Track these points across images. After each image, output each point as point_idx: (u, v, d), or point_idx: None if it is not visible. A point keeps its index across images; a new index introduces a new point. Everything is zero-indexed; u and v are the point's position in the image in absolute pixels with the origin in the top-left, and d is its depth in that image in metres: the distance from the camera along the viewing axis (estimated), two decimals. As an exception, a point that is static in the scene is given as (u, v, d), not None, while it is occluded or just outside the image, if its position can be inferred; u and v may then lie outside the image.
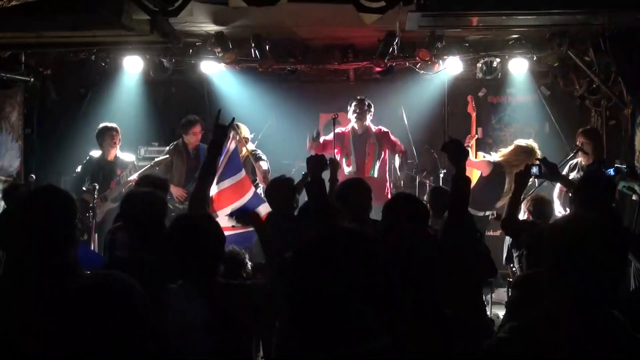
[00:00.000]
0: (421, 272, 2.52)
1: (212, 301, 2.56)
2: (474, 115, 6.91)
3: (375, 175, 6.70)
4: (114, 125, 6.77)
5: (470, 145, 6.63)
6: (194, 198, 3.54)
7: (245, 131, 6.61)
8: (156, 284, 2.30)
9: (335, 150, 6.66)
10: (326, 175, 4.09)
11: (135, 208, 3.52)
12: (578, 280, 1.86)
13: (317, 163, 3.79)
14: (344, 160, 6.75)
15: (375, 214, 4.20)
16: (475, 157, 6.77)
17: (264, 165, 6.43)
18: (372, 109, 6.87)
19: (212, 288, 2.62)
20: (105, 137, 6.68)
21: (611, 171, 5.13)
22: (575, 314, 1.85)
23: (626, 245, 1.93)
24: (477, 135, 6.86)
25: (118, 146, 6.77)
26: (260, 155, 6.57)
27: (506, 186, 6.36)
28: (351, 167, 6.74)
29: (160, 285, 2.35)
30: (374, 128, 6.88)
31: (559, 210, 5.81)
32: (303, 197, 4.44)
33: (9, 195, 5.28)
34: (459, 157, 3.35)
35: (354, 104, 6.83)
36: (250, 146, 6.65)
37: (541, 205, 4.97)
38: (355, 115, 6.77)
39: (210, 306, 2.55)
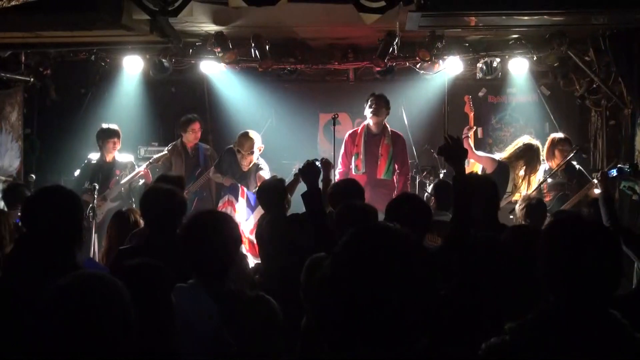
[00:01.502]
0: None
1: (222, 304, 2.52)
2: (471, 115, 6.90)
3: (389, 177, 6.46)
4: (116, 128, 6.76)
5: (469, 136, 6.62)
6: None
7: (257, 140, 6.54)
8: (162, 287, 2.29)
9: (342, 150, 6.57)
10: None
11: (156, 204, 3.51)
12: (575, 281, 1.86)
13: (311, 171, 3.76)
14: (353, 160, 6.51)
15: None
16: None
17: (265, 175, 6.41)
18: (390, 107, 6.57)
19: (223, 291, 2.57)
20: (107, 141, 6.70)
21: (614, 172, 5.12)
22: (573, 315, 1.85)
23: (620, 245, 1.93)
24: (475, 127, 6.84)
25: (117, 149, 6.80)
26: (261, 166, 6.54)
27: (510, 185, 6.36)
28: (361, 168, 6.44)
29: (167, 288, 2.33)
30: (390, 128, 6.63)
31: None
32: (297, 199, 4.45)
33: (9, 195, 5.28)
34: (456, 158, 3.30)
35: (370, 99, 6.49)
36: (255, 156, 6.60)
37: (535, 209, 4.92)
38: (371, 110, 6.43)
39: (219, 308, 2.51)
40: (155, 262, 2.32)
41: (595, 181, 5.75)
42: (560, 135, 6.46)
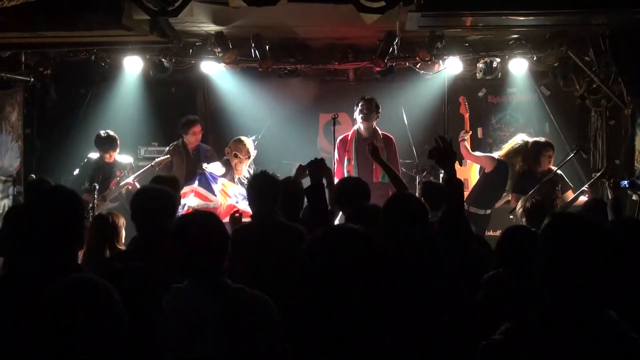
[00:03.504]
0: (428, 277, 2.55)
1: (219, 302, 2.52)
2: (467, 115, 6.91)
3: (386, 181, 6.13)
4: (112, 139, 6.74)
5: (465, 139, 6.63)
6: None
7: (249, 145, 6.46)
8: (150, 289, 2.28)
9: (336, 156, 6.47)
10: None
11: (146, 204, 3.49)
12: (572, 281, 1.86)
13: (318, 167, 3.79)
14: (345, 165, 6.41)
15: None
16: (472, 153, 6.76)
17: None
18: (380, 110, 6.49)
19: (220, 288, 2.57)
20: (107, 149, 6.72)
21: (626, 183, 5.29)
22: (569, 315, 1.85)
23: (616, 245, 1.93)
24: (470, 132, 6.84)
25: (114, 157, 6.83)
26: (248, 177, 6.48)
27: (509, 183, 6.37)
28: (353, 174, 6.25)
29: (157, 290, 2.33)
30: (380, 131, 6.51)
31: None
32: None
33: (33, 189, 5.21)
34: (446, 160, 3.34)
35: (360, 103, 6.42)
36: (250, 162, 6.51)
37: (538, 210, 4.92)
38: (361, 115, 6.37)
39: (217, 307, 2.51)
40: (143, 265, 2.32)
41: (586, 188, 5.95)
42: (542, 139, 6.45)
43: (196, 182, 6.04)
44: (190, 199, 5.89)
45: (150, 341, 2.17)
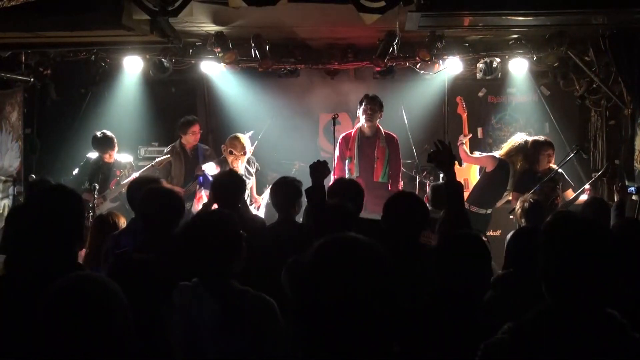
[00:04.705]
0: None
1: (223, 303, 2.52)
2: (464, 115, 6.92)
3: (386, 180, 6.30)
4: (108, 139, 6.76)
5: (463, 142, 6.63)
6: None
7: (245, 142, 6.46)
8: (162, 283, 2.29)
9: (337, 153, 6.46)
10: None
11: (156, 205, 3.50)
12: (573, 281, 1.86)
13: (320, 169, 3.81)
14: (346, 163, 6.35)
15: None
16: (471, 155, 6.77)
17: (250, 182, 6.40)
18: (383, 109, 6.41)
19: (226, 290, 2.57)
20: (105, 149, 6.73)
21: (633, 190, 5.38)
22: (571, 315, 1.85)
23: (615, 245, 1.94)
24: (470, 135, 6.85)
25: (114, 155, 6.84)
26: (247, 173, 6.47)
27: (510, 182, 6.37)
28: (355, 172, 6.23)
29: (166, 285, 2.33)
30: (383, 130, 6.45)
31: None
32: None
33: (34, 189, 5.22)
34: (445, 164, 3.37)
35: (364, 102, 6.33)
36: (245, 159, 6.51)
37: (536, 210, 4.93)
38: (365, 115, 6.28)
39: (221, 308, 2.51)
40: (155, 257, 2.33)
41: (588, 186, 6.07)
42: (541, 138, 6.47)
43: (198, 185, 6.15)
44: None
45: (161, 335, 2.17)
